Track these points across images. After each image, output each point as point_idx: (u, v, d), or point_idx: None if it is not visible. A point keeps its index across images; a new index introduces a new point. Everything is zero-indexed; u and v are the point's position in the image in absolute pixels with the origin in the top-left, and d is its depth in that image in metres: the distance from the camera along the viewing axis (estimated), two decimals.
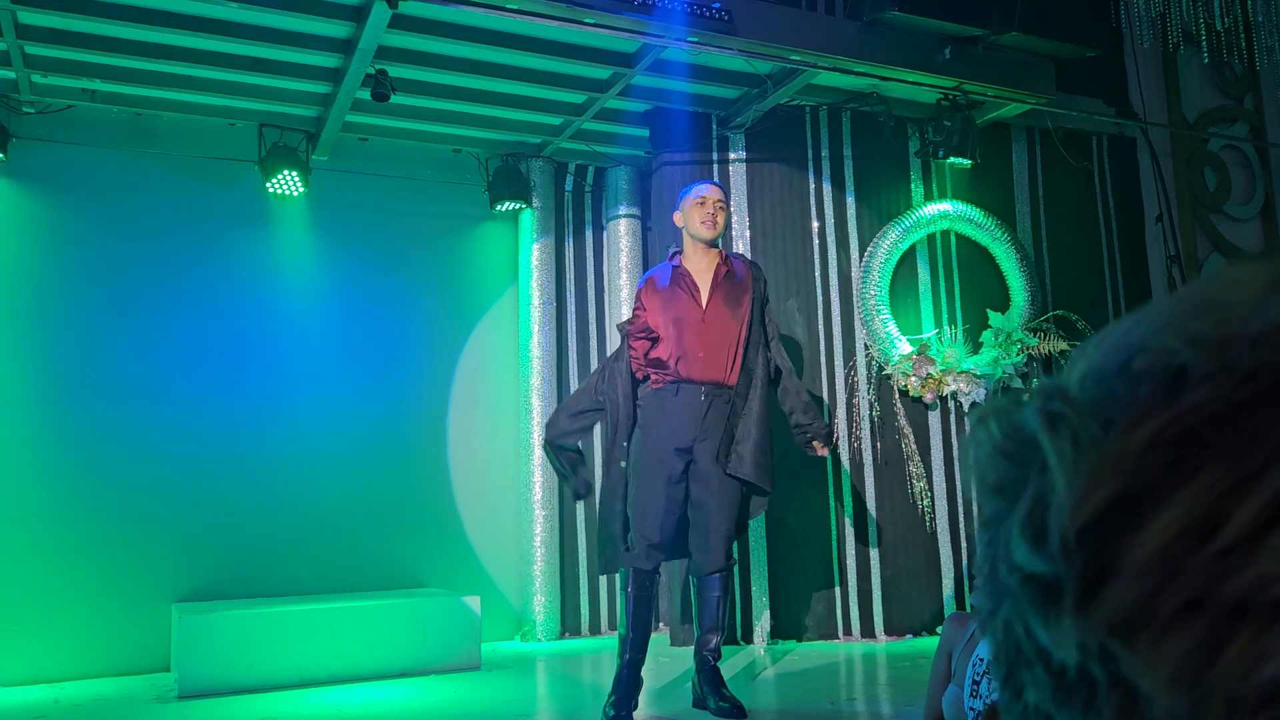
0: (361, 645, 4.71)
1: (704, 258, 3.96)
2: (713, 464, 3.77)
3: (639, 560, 3.73)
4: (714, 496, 3.78)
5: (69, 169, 5.21)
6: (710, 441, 3.77)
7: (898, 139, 5.89)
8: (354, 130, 5.68)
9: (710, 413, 3.79)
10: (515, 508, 5.86)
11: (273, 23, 4.61)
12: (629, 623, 3.73)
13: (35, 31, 4.55)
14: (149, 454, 5.18)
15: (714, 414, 3.79)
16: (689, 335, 3.82)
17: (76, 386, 5.12)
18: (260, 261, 5.57)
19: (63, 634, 4.88)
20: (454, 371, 5.92)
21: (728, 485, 3.79)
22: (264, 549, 5.31)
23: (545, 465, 5.81)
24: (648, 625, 3.78)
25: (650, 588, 3.77)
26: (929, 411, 5.77)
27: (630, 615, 3.73)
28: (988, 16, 5.16)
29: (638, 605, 3.73)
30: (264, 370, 5.49)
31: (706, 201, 3.97)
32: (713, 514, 3.78)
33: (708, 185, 4.07)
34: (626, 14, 4.52)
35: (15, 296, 5.07)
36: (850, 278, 5.76)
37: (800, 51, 4.99)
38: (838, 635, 5.43)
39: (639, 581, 3.73)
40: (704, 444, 3.78)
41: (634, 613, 3.72)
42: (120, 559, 5.05)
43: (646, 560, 3.73)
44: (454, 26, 4.73)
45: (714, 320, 3.85)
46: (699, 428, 3.78)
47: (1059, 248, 6.28)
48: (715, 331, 3.84)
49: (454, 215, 6.03)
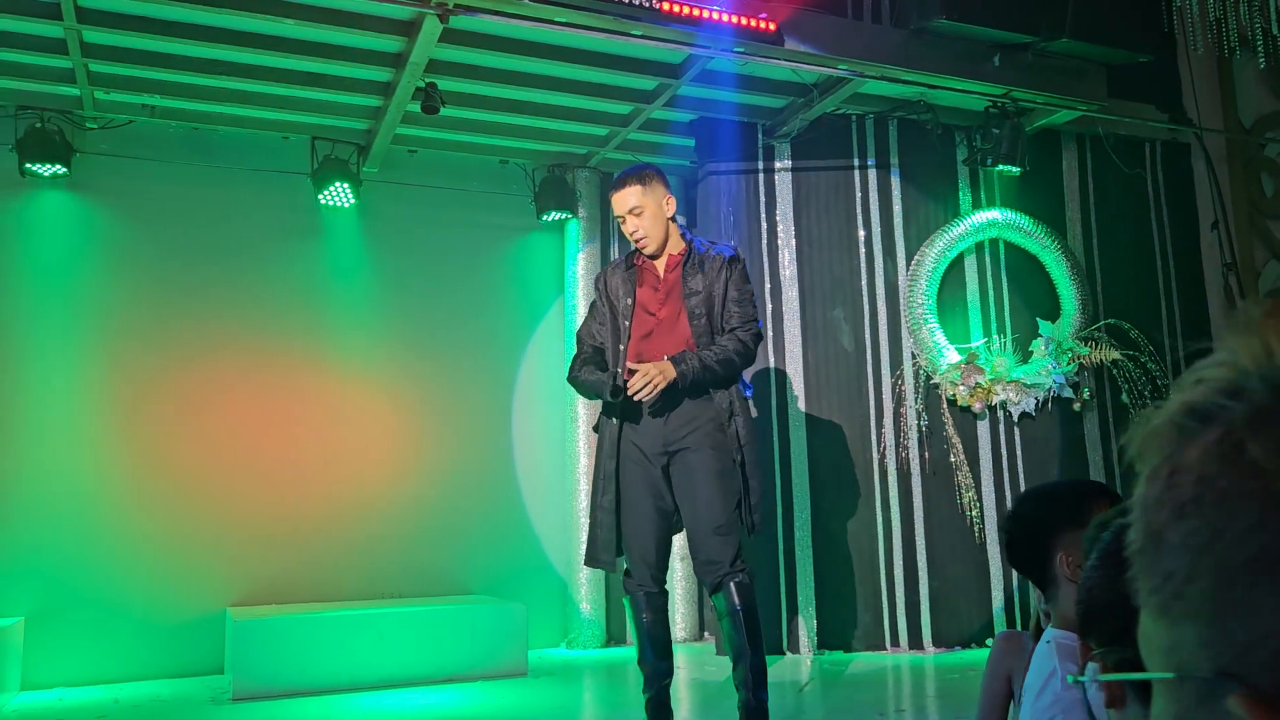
0: (411, 650, 4.77)
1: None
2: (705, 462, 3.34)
3: (645, 583, 3.35)
4: (691, 497, 3.34)
5: (129, 182, 5.36)
6: (697, 441, 3.36)
7: (945, 147, 5.86)
8: (404, 142, 5.77)
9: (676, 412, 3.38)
10: (561, 516, 5.90)
11: (326, 38, 4.71)
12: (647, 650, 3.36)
13: (98, 50, 4.69)
14: (205, 460, 5.30)
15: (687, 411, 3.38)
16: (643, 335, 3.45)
17: (136, 394, 5.25)
18: (312, 271, 5.68)
19: (122, 637, 5.00)
20: (514, 381, 5.98)
21: (709, 481, 3.32)
22: (316, 555, 5.41)
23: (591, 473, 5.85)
24: (667, 650, 3.39)
25: (663, 610, 3.39)
26: (978, 421, 5.71)
27: (648, 640, 3.35)
28: (1037, 23, 5.12)
29: (654, 630, 3.35)
30: (317, 379, 5.59)
31: (623, 219, 3.49)
32: (698, 516, 3.32)
33: (616, 190, 3.52)
34: (673, 25, 4.55)
35: (79, 305, 5.21)
36: (897, 286, 5.72)
37: (847, 61, 4.98)
38: (885, 646, 5.39)
39: (652, 605, 3.37)
40: (685, 441, 3.37)
41: (646, 638, 3.35)
42: (176, 564, 5.16)
43: (652, 582, 3.36)
44: (503, 40, 4.79)
45: (669, 317, 3.45)
46: (664, 427, 3.38)
47: (1111, 256, 6.19)
48: (669, 329, 3.45)
49: (501, 226, 6.10)
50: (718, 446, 3.36)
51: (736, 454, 3.36)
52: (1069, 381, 5.82)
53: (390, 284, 5.81)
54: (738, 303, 3.46)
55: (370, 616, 4.81)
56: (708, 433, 3.38)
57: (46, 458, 5.04)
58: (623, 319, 3.50)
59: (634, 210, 3.46)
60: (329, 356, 5.63)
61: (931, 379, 5.65)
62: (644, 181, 3.50)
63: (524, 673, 4.91)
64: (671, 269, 3.51)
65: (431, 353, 5.83)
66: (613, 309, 3.54)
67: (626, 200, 3.48)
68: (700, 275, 3.47)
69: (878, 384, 5.63)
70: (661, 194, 3.51)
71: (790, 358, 5.55)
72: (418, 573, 5.58)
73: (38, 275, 5.17)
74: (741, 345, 3.40)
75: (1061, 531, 1.63)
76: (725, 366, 3.36)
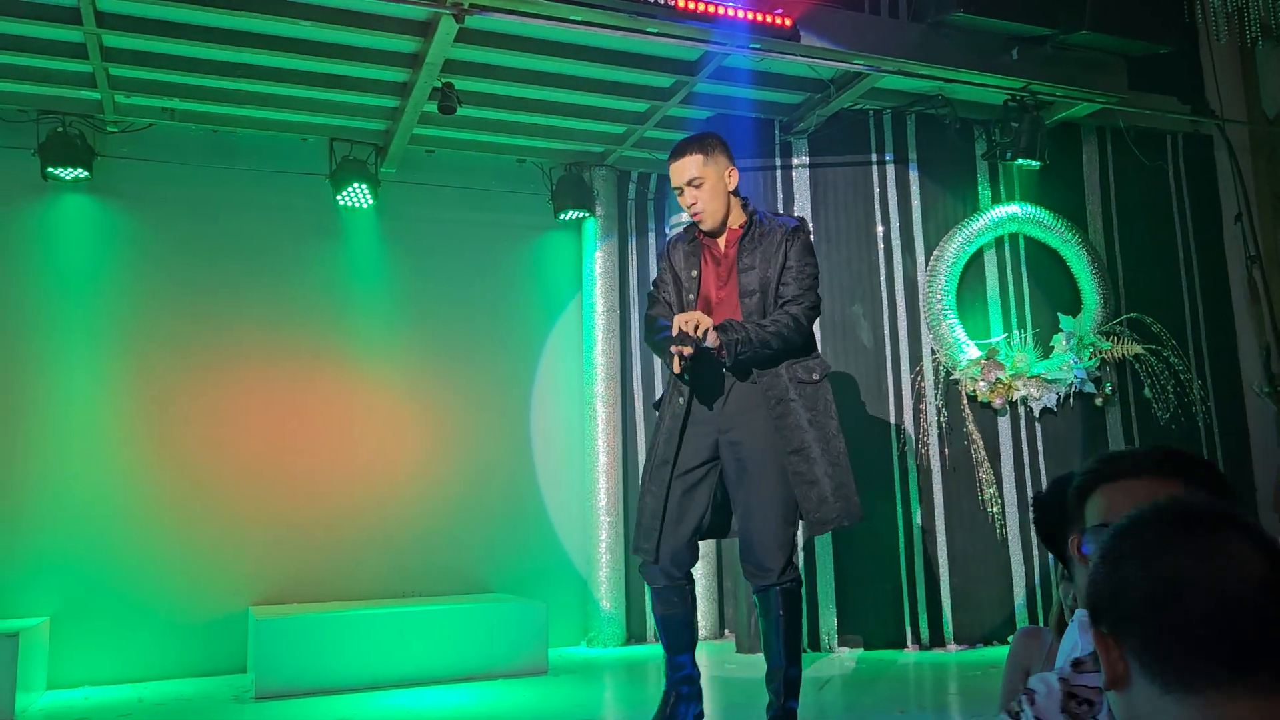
0: (431, 649, 4.79)
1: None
2: (758, 453, 3.15)
3: (655, 576, 3.22)
4: (744, 496, 3.17)
5: (150, 185, 5.40)
6: (749, 430, 3.16)
7: (964, 141, 5.82)
8: (421, 143, 5.78)
9: (732, 396, 3.21)
10: (581, 514, 5.91)
11: (343, 40, 4.72)
12: (667, 644, 3.25)
13: (119, 54, 4.72)
14: (227, 461, 5.34)
15: (736, 397, 3.20)
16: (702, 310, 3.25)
17: (159, 394, 5.29)
18: (331, 272, 5.71)
19: (146, 636, 5.05)
20: (533, 380, 6.00)
21: (763, 481, 3.14)
22: (337, 554, 5.44)
23: (610, 472, 5.86)
24: (688, 645, 3.24)
25: (678, 605, 3.23)
26: (998, 417, 5.68)
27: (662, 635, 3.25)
28: (1056, 15, 5.08)
29: (664, 622, 3.24)
30: (337, 378, 5.62)
31: (682, 190, 3.27)
32: (752, 513, 3.15)
33: (675, 158, 3.28)
34: (689, 23, 4.54)
35: (102, 306, 5.26)
36: (916, 282, 5.69)
37: (864, 56, 4.96)
38: (906, 643, 5.37)
39: (664, 598, 3.23)
40: (736, 432, 3.18)
41: (665, 633, 3.23)
42: (199, 563, 5.20)
43: (662, 574, 3.21)
44: (519, 39, 4.80)
45: (728, 298, 3.26)
46: (721, 412, 3.20)
47: (1132, 249, 6.14)
48: (731, 311, 3.25)
49: (519, 225, 6.11)
50: (787, 441, 3.12)
51: (804, 444, 3.11)
52: (1090, 376, 5.77)
53: (409, 283, 5.84)
54: (796, 275, 3.22)
55: (391, 615, 4.83)
56: (765, 421, 3.14)
57: (71, 459, 5.09)
58: (687, 294, 3.29)
59: (693, 181, 3.23)
60: (349, 356, 5.66)
61: (951, 375, 5.61)
62: (706, 150, 3.27)
63: (544, 671, 4.92)
64: (731, 245, 3.29)
65: (450, 352, 5.84)
66: (677, 282, 3.33)
67: (686, 170, 3.23)
68: (759, 250, 3.24)
69: (897, 380, 5.60)
70: (724, 165, 3.29)
71: None
72: (438, 571, 5.60)
73: (60, 277, 5.22)
74: (792, 320, 3.15)
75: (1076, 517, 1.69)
76: (776, 340, 3.11)
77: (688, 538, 3.22)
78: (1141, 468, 1.34)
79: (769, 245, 3.25)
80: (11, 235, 5.17)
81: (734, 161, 3.36)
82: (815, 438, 3.15)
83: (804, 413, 3.16)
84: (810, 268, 3.28)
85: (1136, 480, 1.33)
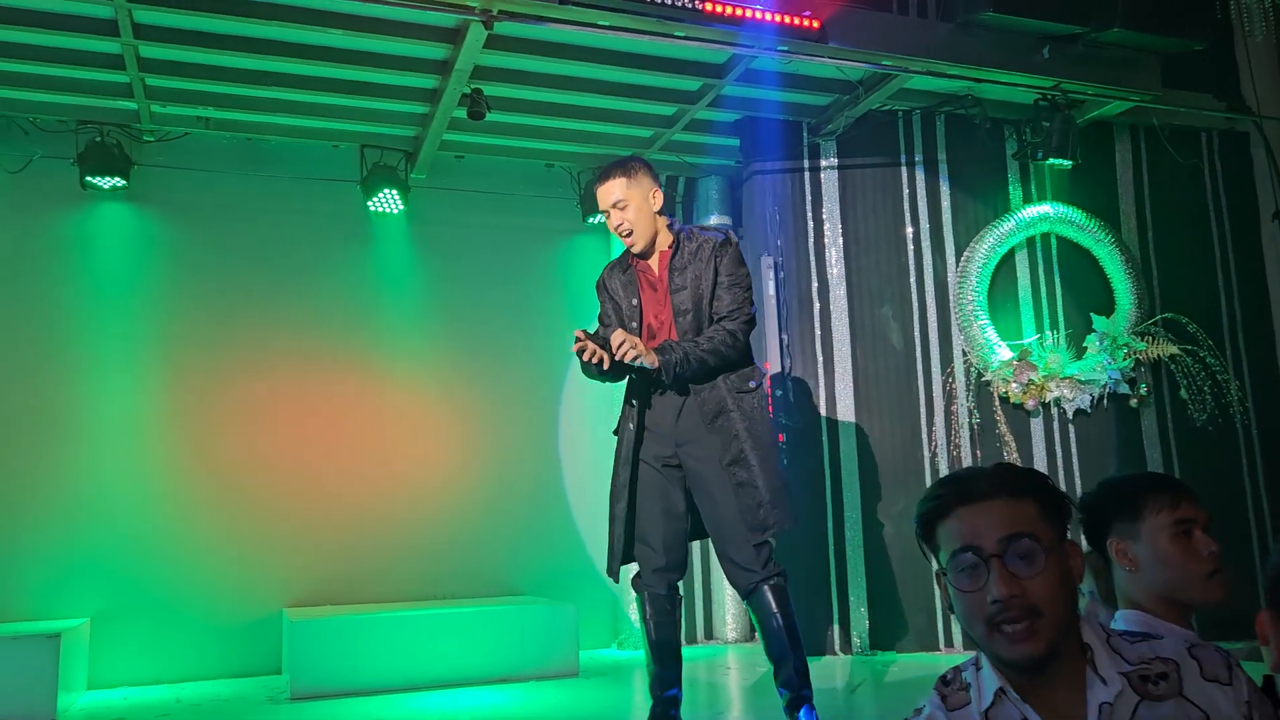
0: (463, 651, 4.82)
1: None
2: (706, 465, 3.23)
3: (651, 584, 3.28)
4: (710, 508, 3.25)
5: (185, 193, 5.49)
6: (697, 443, 3.25)
7: (994, 141, 5.78)
8: (450, 148, 5.83)
9: (684, 412, 3.28)
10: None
11: (373, 47, 4.78)
12: (653, 657, 3.29)
13: (155, 64, 4.81)
14: (262, 464, 5.41)
15: (687, 413, 3.28)
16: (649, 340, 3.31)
17: (195, 399, 5.37)
18: (363, 277, 5.77)
19: (183, 638, 5.12)
20: (562, 383, 6.02)
21: (724, 491, 3.21)
22: (370, 556, 5.49)
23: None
24: (675, 658, 3.30)
25: (672, 613, 3.30)
26: (1031, 419, 5.63)
27: (649, 647, 3.29)
28: (1087, 13, 5.03)
29: (655, 631, 3.28)
30: (369, 382, 5.68)
31: (608, 213, 3.35)
32: (718, 523, 3.23)
33: (599, 183, 3.36)
34: (716, 26, 4.54)
35: (139, 312, 5.35)
36: (947, 283, 5.66)
37: (892, 56, 4.94)
38: (939, 646, 5.34)
39: (658, 607, 3.28)
40: (688, 446, 3.27)
41: (657, 641, 3.27)
42: (235, 566, 5.27)
43: (659, 583, 3.27)
44: (547, 44, 4.82)
45: (666, 317, 3.32)
46: (674, 429, 3.29)
47: (1167, 248, 6.06)
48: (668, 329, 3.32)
49: (547, 229, 6.14)
50: (725, 450, 3.21)
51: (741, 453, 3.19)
52: (1125, 377, 5.71)
53: (439, 287, 5.89)
54: (728, 289, 3.27)
55: (423, 617, 4.87)
56: (714, 435, 3.22)
57: (109, 463, 5.18)
58: (629, 321, 3.36)
59: (618, 204, 3.30)
60: (380, 360, 5.72)
61: (983, 376, 5.57)
62: (629, 173, 3.33)
63: (575, 673, 4.94)
64: (663, 267, 3.35)
65: (480, 355, 5.88)
66: (618, 311, 3.41)
67: (611, 193, 3.31)
68: (689, 269, 3.30)
69: (928, 382, 5.57)
70: (648, 186, 3.34)
71: (839, 356, 5.51)
72: (469, 574, 5.63)
73: (99, 283, 5.31)
74: (729, 335, 3.22)
75: (1115, 520, 1.78)
76: (714, 358, 3.20)
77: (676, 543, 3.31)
78: (997, 488, 1.32)
79: (698, 262, 3.31)
80: (52, 242, 5.27)
81: (658, 182, 3.42)
82: (752, 446, 3.23)
83: (741, 421, 3.24)
84: (743, 279, 3.33)
85: (994, 501, 1.31)
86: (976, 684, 1.35)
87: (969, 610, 1.30)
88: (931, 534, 1.37)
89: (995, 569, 1.28)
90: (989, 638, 1.29)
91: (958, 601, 1.32)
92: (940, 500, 1.35)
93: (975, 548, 1.29)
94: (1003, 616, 1.26)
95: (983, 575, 1.29)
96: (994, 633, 1.28)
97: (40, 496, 5.07)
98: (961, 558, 1.31)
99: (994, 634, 1.28)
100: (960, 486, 1.35)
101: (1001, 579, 1.27)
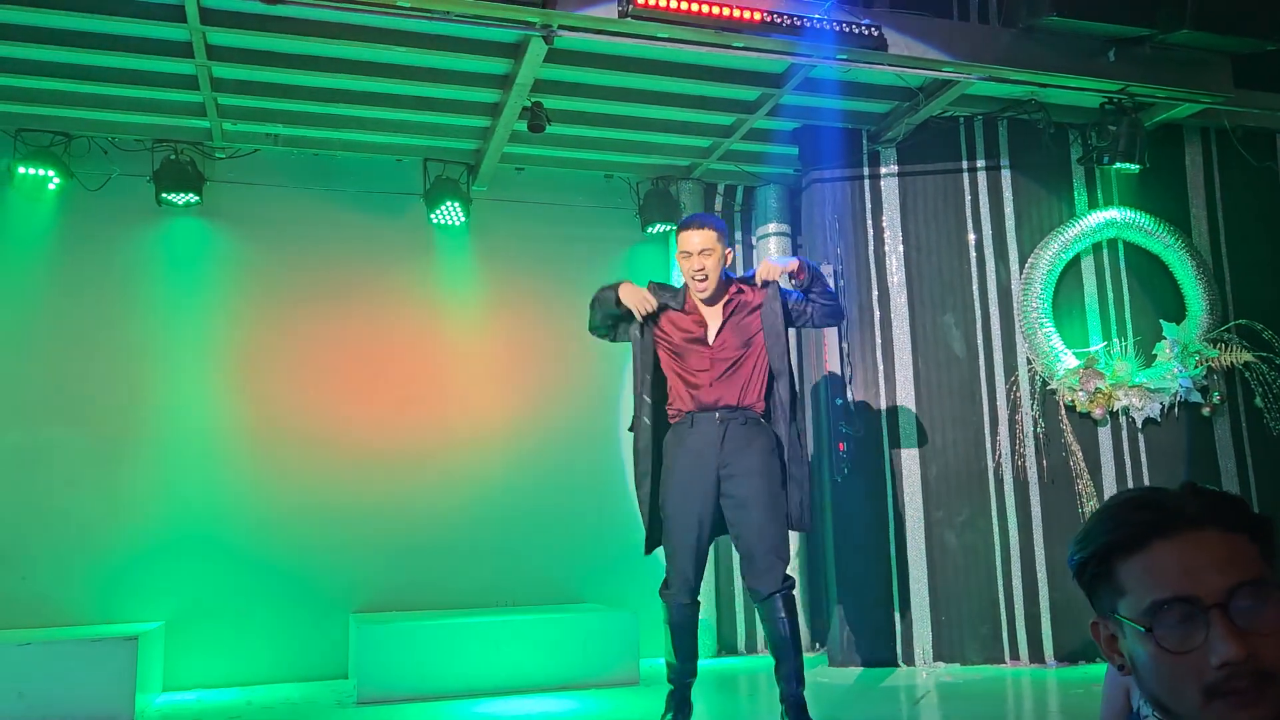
0: (525, 657, 4.87)
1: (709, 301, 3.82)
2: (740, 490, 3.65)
3: (679, 596, 3.71)
4: (747, 514, 3.64)
5: (256, 208, 5.64)
6: (735, 464, 3.66)
7: (1059, 146, 5.69)
8: (511, 161, 5.91)
9: (729, 435, 3.69)
10: None
11: (436, 63, 4.87)
12: (676, 653, 3.76)
13: (227, 84, 4.95)
14: (330, 474, 5.53)
15: (733, 435, 3.69)
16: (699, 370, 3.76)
17: (265, 409, 5.51)
18: (426, 288, 5.87)
19: (254, 641, 5.25)
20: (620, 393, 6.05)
21: (761, 500, 3.63)
22: (434, 563, 5.57)
23: None
24: (694, 653, 3.81)
25: (692, 619, 3.76)
26: (1098, 428, 5.52)
27: (674, 645, 3.75)
28: (1154, 14, 4.94)
29: (678, 634, 3.74)
30: (433, 392, 5.77)
31: (690, 254, 3.74)
32: (750, 528, 3.63)
33: (692, 228, 3.78)
34: (776, 35, 4.55)
35: (211, 324, 5.52)
36: (1010, 291, 5.58)
37: (953, 63, 4.90)
38: (1004, 659, 5.25)
39: (683, 615, 3.73)
40: (728, 467, 3.67)
41: (677, 644, 3.74)
42: (304, 572, 5.39)
43: (685, 594, 3.71)
44: (606, 57, 4.87)
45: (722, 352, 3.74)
46: (718, 454, 3.68)
47: (1241, 253, 5.91)
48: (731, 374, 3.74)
49: (607, 239, 6.19)
50: (768, 474, 3.64)
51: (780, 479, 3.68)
52: (1197, 385, 5.57)
53: (500, 298, 5.96)
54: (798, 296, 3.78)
55: (486, 624, 4.93)
56: (761, 460, 3.65)
57: (183, 472, 5.33)
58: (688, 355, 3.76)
59: (704, 251, 3.72)
60: (444, 369, 5.81)
61: (1048, 385, 5.48)
62: (719, 231, 3.80)
63: (635, 681, 4.95)
64: (726, 314, 3.77)
65: (542, 365, 5.94)
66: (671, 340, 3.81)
67: (703, 241, 3.72)
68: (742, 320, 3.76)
69: (991, 390, 5.50)
70: (725, 246, 3.81)
71: (900, 364, 5.47)
72: (533, 581, 5.69)
73: (173, 296, 5.49)
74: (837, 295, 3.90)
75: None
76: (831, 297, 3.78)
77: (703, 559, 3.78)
78: (1205, 516, 1.04)
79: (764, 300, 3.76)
80: (129, 257, 5.46)
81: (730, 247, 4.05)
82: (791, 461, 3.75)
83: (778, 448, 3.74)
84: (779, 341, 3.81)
85: (1205, 533, 1.03)
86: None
87: (1174, 675, 1.01)
88: (1109, 572, 1.07)
89: (1218, 624, 0.99)
90: (1205, 707, 0.99)
91: (1156, 663, 1.02)
92: (1136, 527, 1.06)
93: (1193, 599, 1.00)
94: (1230, 685, 0.98)
95: (1199, 632, 0.99)
96: (1214, 701, 0.99)
97: (118, 504, 5.24)
98: (1170, 610, 1.01)
99: (1214, 703, 0.99)
100: (1157, 513, 1.05)
101: (1232, 637, 0.98)
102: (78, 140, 5.34)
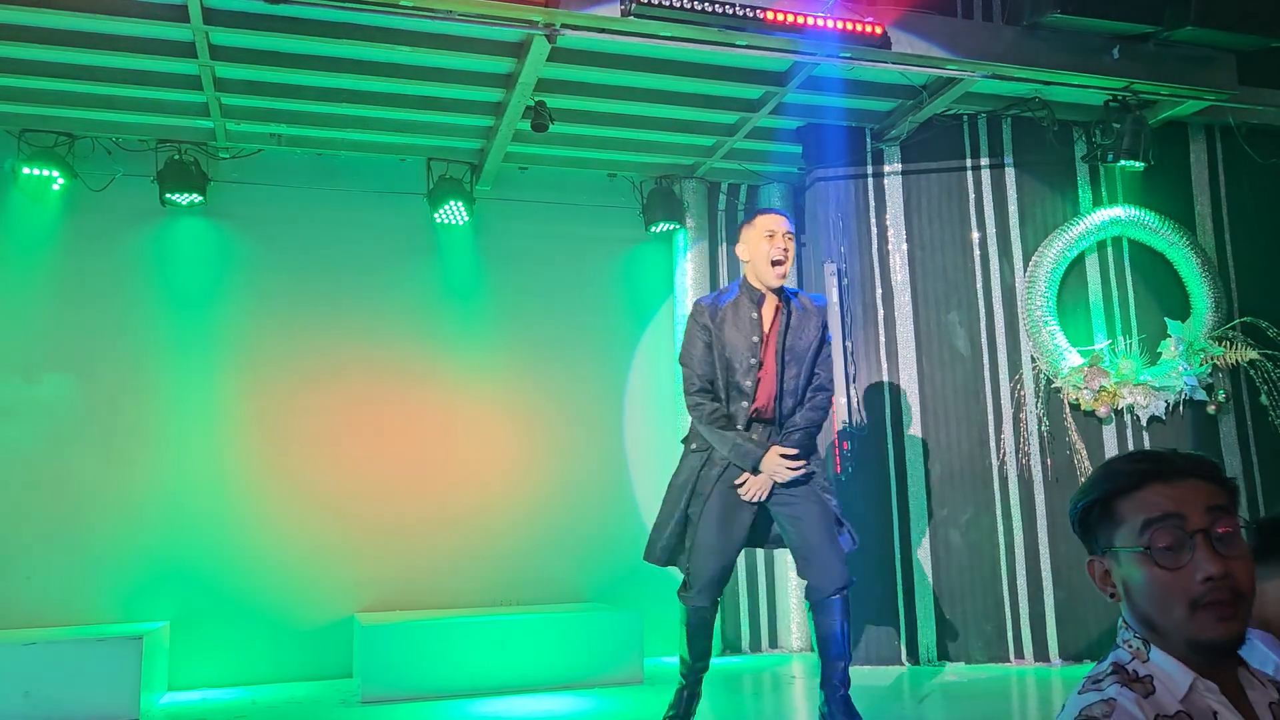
0: (530, 657, 4.87)
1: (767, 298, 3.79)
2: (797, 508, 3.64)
3: (699, 599, 3.72)
4: (809, 509, 3.63)
5: (259, 207, 5.64)
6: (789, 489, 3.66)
7: (1063, 144, 5.67)
8: (514, 160, 5.90)
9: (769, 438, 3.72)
10: None
11: (439, 63, 4.87)
12: (690, 652, 3.78)
13: (230, 84, 4.95)
14: (334, 472, 5.53)
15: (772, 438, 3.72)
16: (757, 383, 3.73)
17: (269, 408, 5.52)
18: (430, 288, 5.87)
19: (258, 641, 5.26)
20: (624, 391, 6.06)
21: (823, 520, 3.64)
22: (439, 563, 5.58)
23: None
24: (708, 651, 3.82)
25: (710, 622, 3.78)
26: (1103, 426, 5.51)
27: (689, 645, 3.78)
28: (1159, 11, 4.92)
29: (695, 636, 3.76)
30: (437, 391, 5.77)
31: (776, 234, 3.73)
32: (814, 528, 3.61)
33: (775, 213, 3.84)
34: (779, 34, 4.54)
35: (216, 322, 5.52)
36: (1014, 288, 5.57)
37: (957, 61, 4.89)
38: (1009, 658, 5.25)
39: (702, 617, 3.75)
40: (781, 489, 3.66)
41: (692, 644, 3.77)
42: (308, 572, 5.40)
43: (705, 598, 3.72)
44: (609, 56, 4.87)
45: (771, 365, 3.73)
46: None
47: (1246, 251, 5.89)
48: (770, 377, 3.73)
49: (610, 238, 6.19)
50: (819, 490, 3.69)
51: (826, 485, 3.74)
52: (1202, 383, 5.56)
53: (504, 297, 5.96)
54: (826, 359, 3.79)
55: (491, 623, 4.93)
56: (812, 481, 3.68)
57: (187, 472, 5.34)
58: (746, 359, 3.68)
59: (789, 234, 3.74)
60: (448, 369, 5.81)
61: (1053, 383, 5.47)
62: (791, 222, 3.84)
63: (640, 680, 4.96)
64: (774, 316, 3.75)
65: (546, 364, 5.95)
66: (721, 350, 3.72)
67: (788, 226, 3.77)
68: (804, 330, 3.74)
69: (995, 389, 5.49)
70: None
71: (904, 363, 5.46)
72: (537, 581, 5.69)
73: (177, 296, 5.49)
74: (827, 401, 3.78)
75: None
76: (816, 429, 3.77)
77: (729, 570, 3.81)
78: (1194, 468, 1.29)
79: (809, 328, 3.76)
80: (132, 257, 5.46)
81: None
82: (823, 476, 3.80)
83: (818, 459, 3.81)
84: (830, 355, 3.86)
85: (1192, 480, 1.28)
86: (1158, 675, 1.26)
87: (1165, 589, 1.25)
88: (1110, 510, 1.31)
89: (1202, 546, 1.23)
90: (1191, 619, 1.23)
91: (1149, 582, 1.26)
92: (1135, 474, 1.30)
93: (1180, 516, 1.25)
94: (1212, 596, 1.22)
95: (1187, 553, 1.23)
96: (1199, 612, 1.22)
97: (121, 504, 5.25)
98: (1162, 527, 1.25)
99: (1198, 614, 1.22)
100: (1157, 462, 1.30)
101: (1214, 557, 1.22)
102: (82, 141, 5.34)
